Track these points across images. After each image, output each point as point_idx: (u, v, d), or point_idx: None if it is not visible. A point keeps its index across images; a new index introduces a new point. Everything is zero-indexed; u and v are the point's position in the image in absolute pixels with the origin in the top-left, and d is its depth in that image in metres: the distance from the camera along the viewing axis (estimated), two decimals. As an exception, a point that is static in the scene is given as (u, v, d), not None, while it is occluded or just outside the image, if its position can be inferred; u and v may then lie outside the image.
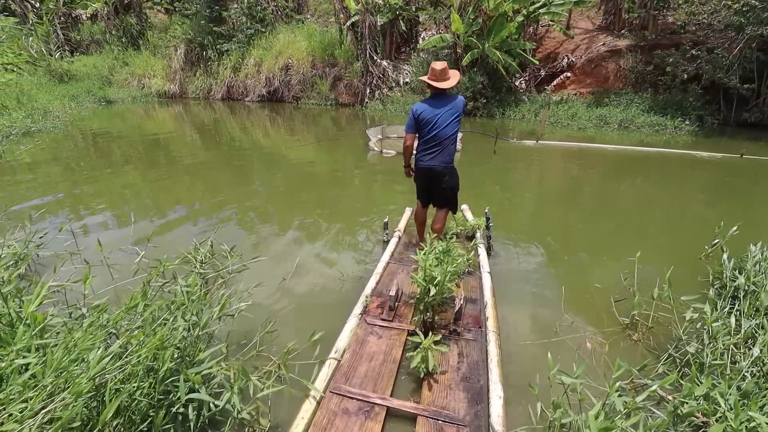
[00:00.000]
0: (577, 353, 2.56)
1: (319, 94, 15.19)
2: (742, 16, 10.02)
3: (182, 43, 16.75)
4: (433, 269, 2.39)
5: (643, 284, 3.07)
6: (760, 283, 2.81)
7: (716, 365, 2.15)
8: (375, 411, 1.92)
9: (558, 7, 12.16)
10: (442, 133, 3.12)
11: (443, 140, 3.14)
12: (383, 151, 7.97)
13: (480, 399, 2.00)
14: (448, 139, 3.15)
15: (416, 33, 15.59)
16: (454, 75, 3.14)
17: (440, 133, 3.12)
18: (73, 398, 1.42)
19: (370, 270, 3.40)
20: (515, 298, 3.21)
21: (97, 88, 16.12)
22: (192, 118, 13.13)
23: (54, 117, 11.24)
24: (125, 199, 5.49)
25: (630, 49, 12.73)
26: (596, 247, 4.33)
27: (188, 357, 1.92)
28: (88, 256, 3.40)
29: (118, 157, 7.78)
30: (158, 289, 2.47)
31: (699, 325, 2.49)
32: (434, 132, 3.12)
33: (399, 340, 2.45)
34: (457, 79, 3.14)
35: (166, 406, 1.75)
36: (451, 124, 3.12)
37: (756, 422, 1.59)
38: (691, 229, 4.77)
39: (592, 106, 12.27)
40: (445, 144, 3.15)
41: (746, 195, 6.17)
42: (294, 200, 5.61)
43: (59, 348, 1.61)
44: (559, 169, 7.75)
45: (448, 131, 3.12)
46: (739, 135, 10.56)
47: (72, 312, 2.14)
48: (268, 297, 3.18)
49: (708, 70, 10.74)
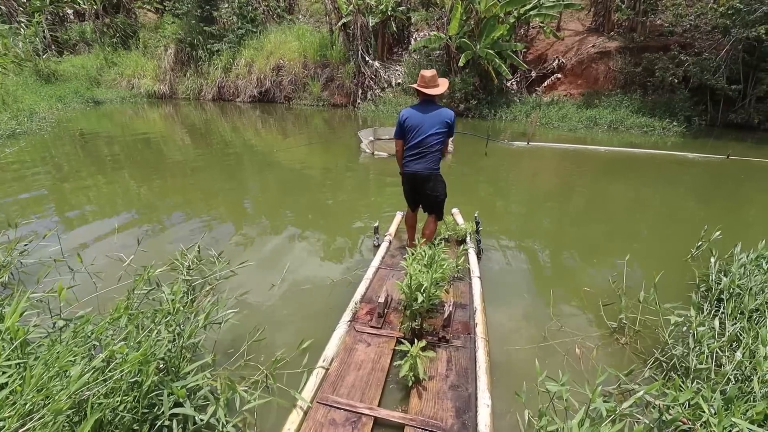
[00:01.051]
0: (566, 358, 2.57)
1: (311, 95, 15.14)
2: (728, 19, 10.18)
3: (172, 43, 16.59)
4: (420, 276, 2.39)
5: (632, 287, 3.10)
6: (745, 285, 2.85)
7: (701, 369, 2.17)
8: (362, 422, 1.91)
9: (549, 9, 12.25)
10: (426, 140, 3.13)
11: (427, 147, 3.15)
12: (375, 153, 7.96)
13: (468, 408, 2.00)
14: (433, 147, 3.16)
15: (408, 34, 15.61)
16: (443, 83, 3.16)
17: (425, 140, 3.13)
18: (52, 416, 1.39)
19: (360, 275, 3.39)
20: (505, 303, 3.21)
21: (85, 88, 15.91)
22: (182, 119, 13.01)
23: (40, 118, 11.06)
24: (113, 203, 5.41)
25: (619, 50, 12.87)
26: (586, 249, 4.36)
27: (173, 369, 1.90)
28: (74, 262, 3.34)
29: (106, 160, 7.67)
30: (143, 298, 2.43)
31: (685, 328, 2.52)
32: (419, 138, 3.14)
33: (388, 347, 2.44)
34: (445, 87, 3.16)
35: (151, 420, 1.72)
36: (436, 134, 3.12)
37: (739, 428, 1.60)
38: (679, 230, 4.82)
39: (582, 108, 12.39)
40: (429, 150, 3.17)
41: (733, 195, 6.27)
42: (284, 203, 5.58)
43: (39, 363, 1.57)
44: (550, 170, 7.80)
45: (432, 139, 3.13)
46: (726, 136, 10.73)
47: (55, 323, 2.10)
48: (257, 304, 3.15)
49: (696, 72, 10.90)
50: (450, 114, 3.14)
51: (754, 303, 2.61)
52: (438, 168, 3.28)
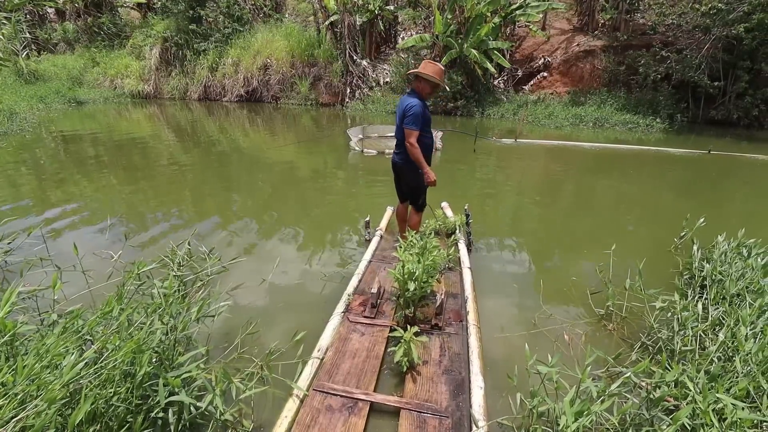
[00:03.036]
0: (555, 344, 2.62)
1: (299, 94, 15.06)
2: (709, 18, 10.45)
3: (157, 42, 16.34)
4: (411, 264, 2.42)
5: (618, 276, 3.17)
6: (726, 272, 2.94)
7: (686, 351, 2.24)
8: (358, 406, 1.93)
9: (533, 9, 12.42)
10: (398, 128, 3.24)
11: (399, 135, 3.26)
12: (364, 151, 7.98)
13: (461, 390, 2.04)
14: (401, 136, 3.21)
15: (395, 33, 15.65)
16: (436, 71, 3.10)
17: (398, 130, 3.25)
18: (46, 405, 1.38)
19: (352, 269, 3.41)
20: (495, 292, 3.27)
21: (67, 88, 15.55)
22: (168, 119, 12.83)
23: (21, 119, 10.80)
24: (98, 202, 5.32)
25: (604, 49, 13.11)
26: (574, 241, 4.44)
27: (167, 361, 1.89)
28: (60, 261, 3.28)
29: (90, 160, 7.53)
30: (134, 292, 2.40)
31: (670, 313, 2.59)
32: (396, 128, 3.28)
33: (382, 336, 2.46)
34: (434, 73, 3.08)
35: (145, 411, 1.71)
36: (402, 124, 3.14)
37: (723, 403, 1.66)
38: (664, 222, 4.94)
39: (569, 105, 12.59)
40: (399, 139, 3.28)
41: (714, 189, 6.45)
42: (275, 201, 5.55)
43: (30, 354, 1.56)
44: (538, 166, 7.91)
45: (400, 129, 3.20)
46: (707, 132, 11.02)
47: (44, 319, 2.07)
48: (250, 298, 3.14)
49: (678, 69, 11.17)
50: (409, 101, 3.10)
51: (735, 288, 2.70)
52: (407, 156, 3.24)
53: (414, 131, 3.07)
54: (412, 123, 3.05)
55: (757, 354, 1.93)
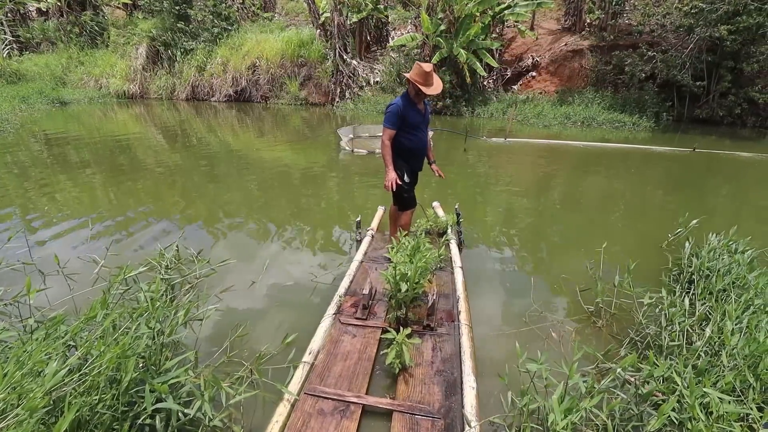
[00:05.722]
0: (546, 341, 2.64)
1: (289, 94, 14.96)
2: (692, 18, 10.63)
3: (144, 41, 16.09)
4: (404, 266, 2.41)
5: (608, 272, 3.20)
6: (714, 267, 2.99)
7: (673, 346, 2.27)
8: (350, 410, 1.92)
9: (522, 8, 12.51)
10: None
11: None
12: (355, 150, 7.95)
13: (454, 391, 2.03)
14: None
15: (386, 32, 15.63)
16: (417, 72, 2.99)
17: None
18: (27, 414, 1.34)
19: (343, 270, 3.39)
20: (487, 291, 3.28)
21: (50, 88, 15.23)
22: (155, 119, 12.64)
23: (2, 120, 10.55)
24: (83, 205, 5.22)
25: (591, 49, 13.26)
26: (564, 239, 4.48)
27: (154, 366, 1.85)
28: (44, 266, 3.20)
29: (75, 162, 7.38)
30: (119, 297, 2.35)
31: (658, 309, 2.63)
32: None
33: (373, 338, 2.45)
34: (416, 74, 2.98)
35: (131, 418, 1.67)
36: None
37: (709, 397, 1.69)
38: (652, 219, 5.01)
39: (557, 105, 12.71)
40: None
41: (699, 186, 6.55)
42: (264, 201, 5.50)
43: (11, 361, 1.51)
44: (528, 165, 7.96)
45: None
46: (692, 130, 11.22)
47: (26, 326, 2.01)
48: (239, 301, 3.10)
49: (663, 69, 11.35)
50: (392, 101, 3.14)
51: (722, 283, 2.74)
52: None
53: (387, 129, 3.08)
54: (386, 120, 3.08)
55: (742, 348, 1.95)
